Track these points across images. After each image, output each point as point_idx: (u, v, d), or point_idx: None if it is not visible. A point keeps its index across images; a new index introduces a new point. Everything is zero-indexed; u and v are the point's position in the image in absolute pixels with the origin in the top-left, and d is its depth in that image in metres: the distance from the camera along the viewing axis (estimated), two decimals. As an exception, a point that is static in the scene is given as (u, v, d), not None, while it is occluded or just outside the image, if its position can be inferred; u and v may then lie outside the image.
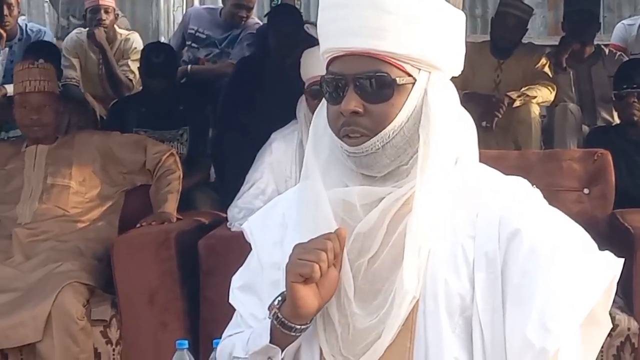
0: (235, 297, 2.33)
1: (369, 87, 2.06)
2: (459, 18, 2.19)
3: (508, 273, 2.07)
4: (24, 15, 8.35)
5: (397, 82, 2.05)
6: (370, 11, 2.09)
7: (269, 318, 2.12)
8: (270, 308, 2.10)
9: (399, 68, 2.07)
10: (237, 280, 2.35)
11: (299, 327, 2.07)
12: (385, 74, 2.05)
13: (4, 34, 7.48)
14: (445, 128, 2.10)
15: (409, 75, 2.08)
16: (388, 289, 2.07)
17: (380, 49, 2.06)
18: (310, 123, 2.26)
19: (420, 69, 2.09)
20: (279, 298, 2.09)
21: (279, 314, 2.08)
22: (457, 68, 2.19)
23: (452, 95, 2.17)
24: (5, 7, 7.55)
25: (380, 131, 2.06)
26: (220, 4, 8.20)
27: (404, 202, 2.07)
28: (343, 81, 2.07)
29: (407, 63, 2.08)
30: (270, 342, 2.11)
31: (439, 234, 2.10)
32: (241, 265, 2.36)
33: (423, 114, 2.08)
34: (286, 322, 2.07)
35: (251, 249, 2.34)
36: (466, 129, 2.24)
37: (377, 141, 2.06)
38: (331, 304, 2.10)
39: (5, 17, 7.51)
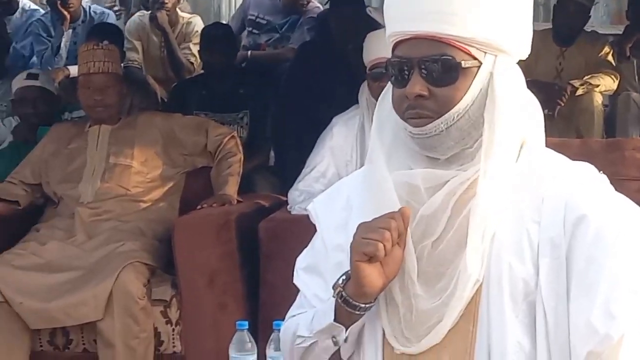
0: (300, 277, 2.36)
1: (434, 71, 2.08)
2: (527, 0, 2.21)
3: (573, 258, 2.08)
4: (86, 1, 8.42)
5: (462, 65, 2.07)
6: None
7: (334, 297, 2.14)
8: (334, 287, 2.13)
9: (464, 51, 2.08)
10: (301, 261, 2.38)
11: (363, 305, 2.09)
12: (451, 57, 2.07)
13: (68, 16, 7.58)
14: (511, 112, 2.11)
15: (475, 58, 2.09)
16: (452, 272, 2.09)
17: (446, 32, 2.08)
18: (372, 107, 2.29)
19: (486, 53, 2.10)
20: (344, 277, 2.12)
21: (343, 293, 2.10)
22: (525, 51, 2.20)
23: (519, 79, 2.18)
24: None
25: (445, 113, 2.07)
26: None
27: (469, 186, 2.08)
28: (409, 64, 2.09)
29: (473, 46, 2.09)
30: (335, 320, 2.13)
31: (504, 218, 2.12)
32: (302, 248, 2.39)
33: (488, 97, 2.09)
34: (350, 301, 2.09)
35: (314, 230, 2.37)
36: (533, 113, 2.25)
37: (442, 123, 2.08)
38: (394, 285, 2.11)
39: (68, 3, 7.60)
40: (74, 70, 6.34)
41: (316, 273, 2.33)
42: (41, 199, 5.36)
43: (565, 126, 6.29)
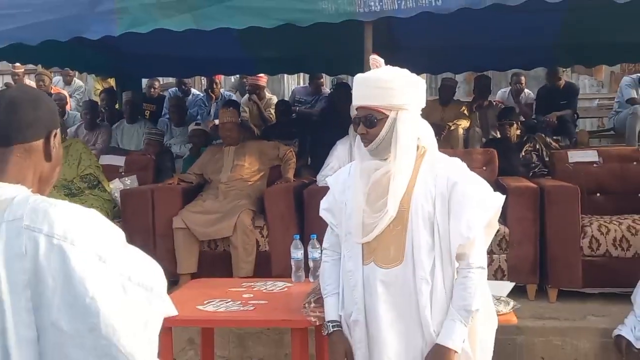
0: (322, 212, 2.44)
1: (366, 122, 2.16)
2: (420, 81, 2.24)
3: (451, 202, 2.16)
4: (222, 87, 8.47)
5: (378, 118, 2.14)
6: (367, 88, 2.18)
7: (326, 327, 2.34)
8: (325, 325, 2.35)
9: (379, 111, 2.15)
10: (323, 204, 2.45)
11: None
12: (372, 115, 2.15)
13: (214, 96, 7.65)
14: (406, 138, 2.16)
15: (385, 114, 2.15)
16: (383, 209, 2.17)
17: (369, 104, 2.16)
18: (354, 136, 2.36)
19: (391, 110, 2.15)
20: (331, 326, 2.33)
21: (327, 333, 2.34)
22: (420, 106, 2.24)
23: (414, 121, 2.21)
24: (214, 84, 7.71)
25: (374, 140, 2.17)
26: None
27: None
28: (358, 119, 2.20)
29: (384, 108, 2.15)
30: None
31: (418, 186, 2.19)
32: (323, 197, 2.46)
33: (394, 131, 2.15)
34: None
35: (327, 190, 2.46)
36: (431, 136, 2.32)
37: (373, 145, 2.18)
38: (359, 209, 2.21)
39: (215, 89, 7.74)
40: (217, 121, 6.41)
41: (330, 212, 2.42)
42: (203, 181, 5.35)
43: (445, 144, 6.22)
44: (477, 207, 2.15)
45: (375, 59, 2.24)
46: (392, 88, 2.15)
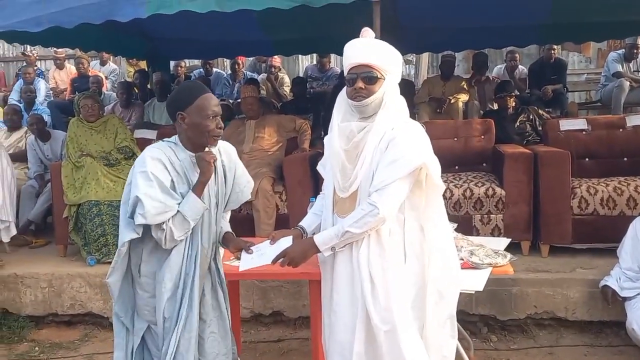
0: (319, 167, 2.51)
1: (366, 78, 2.14)
2: (398, 54, 2.22)
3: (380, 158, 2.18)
4: (244, 69, 8.40)
5: (377, 76, 2.15)
6: (367, 48, 2.17)
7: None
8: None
9: (377, 70, 2.14)
10: (321, 161, 2.48)
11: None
12: (372, 72, 2.14)
13: (237, 76, 7.59)
14: (393, 102, 2.18)
15: (383, 75, 2.16)
16: (352, 173, 2.21)
17: (367, 62, 2.15)
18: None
19: (387, 73, 2.16)
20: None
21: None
22: (399, 75, 2.23)
23: (397, 90, 2.22)
24: (237, 65, 7.71)
25: (370, 96, 2.14)
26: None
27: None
28: (356, 75, 2.15)
29: (380, 68, 2.15)
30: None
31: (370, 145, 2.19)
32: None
33: (385, 94, 2.16)
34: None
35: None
36: (403, 105, 2.27)
37: (369, 100, 2.16)
38: (336, 170, 2.25)
39: (238, 70, 7.72)
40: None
41: (323, 166, 2.46)
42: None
43: (446, 115, 6.20)
44: (390, 165, 2.14)
45: (367, 31, 2.21)
46: (386, 54, 2.17)
